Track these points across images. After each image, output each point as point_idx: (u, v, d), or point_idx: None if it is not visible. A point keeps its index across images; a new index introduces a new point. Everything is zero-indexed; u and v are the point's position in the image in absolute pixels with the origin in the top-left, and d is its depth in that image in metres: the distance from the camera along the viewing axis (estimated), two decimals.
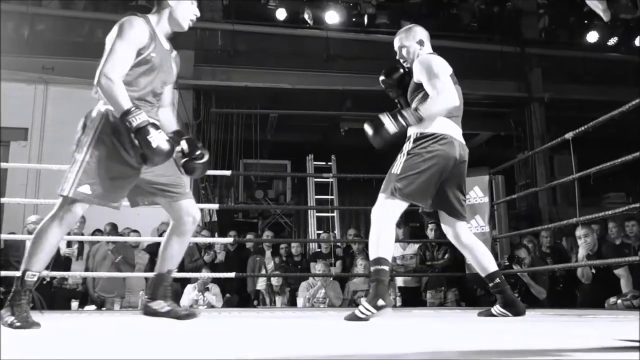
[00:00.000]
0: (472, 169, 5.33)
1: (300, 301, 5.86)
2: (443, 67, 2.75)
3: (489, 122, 9.28)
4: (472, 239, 2.91)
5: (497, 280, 2.85)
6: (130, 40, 2.29)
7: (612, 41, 8.82)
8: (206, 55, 8.64)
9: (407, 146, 2.71)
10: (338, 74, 8.49)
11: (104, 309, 5.61)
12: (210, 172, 6.89)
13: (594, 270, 4.82)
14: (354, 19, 8.87)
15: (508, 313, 2.82)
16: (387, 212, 2.65)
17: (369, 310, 2.49)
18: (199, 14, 2.55)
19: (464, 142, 2.78)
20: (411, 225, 7.18)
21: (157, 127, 2.22)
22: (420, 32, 2.94)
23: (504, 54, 8.98)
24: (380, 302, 2.49)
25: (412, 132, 2.72)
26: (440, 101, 2.63)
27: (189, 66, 8.37)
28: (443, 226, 2.94)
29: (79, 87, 8.03)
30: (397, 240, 6.54)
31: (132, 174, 2.35)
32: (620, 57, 8.73)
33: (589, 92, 8.55)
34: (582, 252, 4.77)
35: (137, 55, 2.33)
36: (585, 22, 8.90)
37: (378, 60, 8.72)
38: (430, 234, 6.24)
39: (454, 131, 2.73)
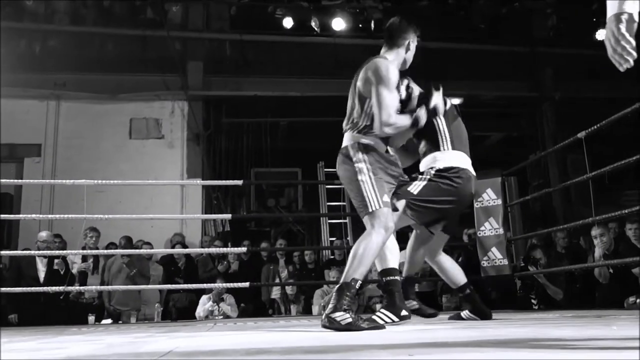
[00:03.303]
0: (485, 171, 5.33)
1: (315, 309, 5.85)
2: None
3: (500, 123, 9.22)
4: (441, 255, 3.09)
5: (467, 290, 3.08)
6: (392, 85, 2.58)
7: None
8: (215, 65, 8.70)
9: (429, 174, 2.78)
10: (347, 81, 8.47)
11: (120, 322, 5.63)
12: (221, 182, 6.94)
13: (611, 270, 4.75)
14: (360, 25, 8.88)
15: (476, 317, 3.09)
16: (390, 222, 2.56)
17: (391, 319, 2.54)
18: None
19: (475, 175, 2.90)
20: None
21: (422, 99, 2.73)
22: None
23: (513, 55, 8.94)
24: (404, 313, 2.58)
25: (434, 163, 2.81)
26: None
27: (198, 77, 8.44)
28: (416, 236, 3.03)
29: (90, 102, 8.14)
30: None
31: (394, 183, 2.72)
32: None
33: (600, 90, 8.47)
34: (598, 252, 4.71)
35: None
36: (594, 19, 8.83)
37: None
38: None
39: (470, 166, 2.86)
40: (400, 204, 2.70)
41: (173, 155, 8.21)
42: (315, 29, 8.64)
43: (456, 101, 2.89)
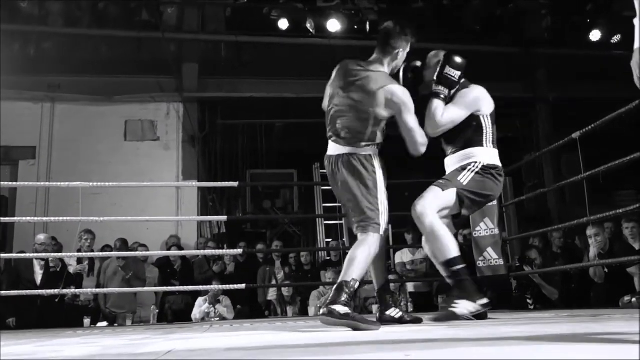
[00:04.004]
0: None
1: (311, 310, 5.85)
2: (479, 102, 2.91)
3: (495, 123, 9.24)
4: None
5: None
6: (413, 108, 2.66)
7: (616, 39, 8.78)
8: (211, 67, 8.70)
9: (477, 166, 2.81)
10: None
11: (115, 325, 5.61)
12: (217, 184, 6.94)
13: (606, 270, 4.77)
14: (356, 27, 8.88)
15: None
16: (437, 211, 2.69)
17: (474, 308, 2.53)
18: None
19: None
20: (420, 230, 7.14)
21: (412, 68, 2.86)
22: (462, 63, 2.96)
23: (508, 56, 8.96)
24: (484, 300, 2.58)
25: (480, 159, 2.83)
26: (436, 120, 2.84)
27: (193, 79, 8.44)
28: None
29: (85, 104, 8.12)
30: (406, 246, 6.53)
31: None
32: (625, 54, 8.68)
33: (594, 90, 8.51)
34: (593, 252, 4.74)
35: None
36: (588, 20, 8.87)
37: None
38: None
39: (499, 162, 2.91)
40: (451, 191, 2.72)
41: (168, 157, 8.20)
42: (311, 30, 8.64)
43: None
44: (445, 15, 9.13)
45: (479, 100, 2.86)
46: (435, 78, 2.86)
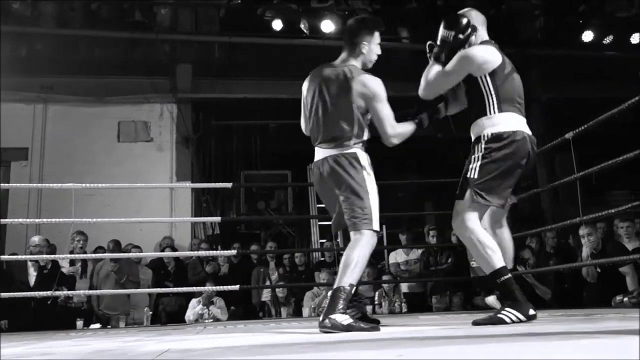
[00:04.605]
0: None
1: (305, 311, 5.84)
2: (473, 61, 2.65)
3: None
4: (505, 226, 2.84)
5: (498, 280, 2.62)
6: (385, 98, 2.68)
7: (608, 39, 8.82)
8: (204, 68, 8.67)
9: (480, 149, 2.61)
10: None
11: (109, 326, 5.58)
12: (211, 185, 6.92)
13: (598, 269, 4.80)
14: None
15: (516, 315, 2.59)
16: (471, 220, 2.56)
17: (518, 319, 2.41)
18: (380, 52, 2.87)
19: (531, 134, 2.67)
20: (414, 230, 7.16)
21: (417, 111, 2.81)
22: (474, 17, 2.83)
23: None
24: (532, 312, 2.43)
25: (482, 132, 2.63)
26: (428, 81, 2.75)
27: (187, 80, 8.41)
28: (488, 217, 2.79)
29: (78, 105, 8.08)
30: (400, 246, 6.53)
31: None
32: (617, 55, 8.74)
33: (587, 90, 8.54)
34: (586, 251, 4.76)
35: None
36: (581, 21, 8.91)
37: (375, 67, 8.77)
38: (432, 240, 6.24)
39: (523, 125, 2.65)
40: (468, 195, 2.58)
41: (162, 158, 8.17)
42: (305, 31, 8.63)
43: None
44: (439, 15, 9.15)
45: (472, 59, 2.63)
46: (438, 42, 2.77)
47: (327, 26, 8.59)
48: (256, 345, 1.96)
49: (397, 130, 2.68)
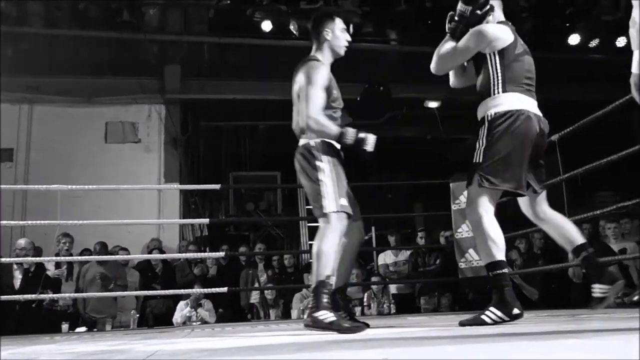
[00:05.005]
0: (462, 174, 5.37)
1: (294, 313, 5.83)
2: (485, 38, 2.57)
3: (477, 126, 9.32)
4: (551, 212, 2.70)
5: (585, 253, 2.57)
6: (319, 83, 2.68)
7: (594, 43, 8.90)
8: (193, 69, 8.64)
9: (484, 131, 2.54)
10: None
11: (95, 330, 5.53)
12: (199, 187, 6.90)
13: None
14: None
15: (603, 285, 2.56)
16: (481, 206, 2.48)
17: (501, 319, 2.36)
18: (350, 39, 2.89)
19: (541, 115, 2.61)
20: (402, 231, 7.18)
21: (362, 130, 2.66)
22: None
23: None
24: (515, 311, 2.37)
25: (485, 112, 2.55)
26: (440, 55, 2.69)
27: (176, 80, 8.36)
28: (521, 204, 2.73)
29: (65, 106, 8.01)
30: (389, 247, 6.54)
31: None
32: (603, 58, 8.82)
33: (573, 92, 8.60)
34: None
35: (327, 95, 2.73)
36: (568, 24, 8.98)
37: (364, 69, 8.79)
38: (421, 241, 6.26)
39: (529, 105, 2.57)
40: (475, 179, 2.50)
41: (150, 159, 8.12)
42: (294, 32, 8.63)
43: None
44: (428, 17, 9.19)
45: (484, 35, 2.58)
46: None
47: None
48: (244, 347, 1.95)
49: (319, 117, 2.63)
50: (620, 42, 8.76)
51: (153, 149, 8.15)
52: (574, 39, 8.81)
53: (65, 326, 5.19)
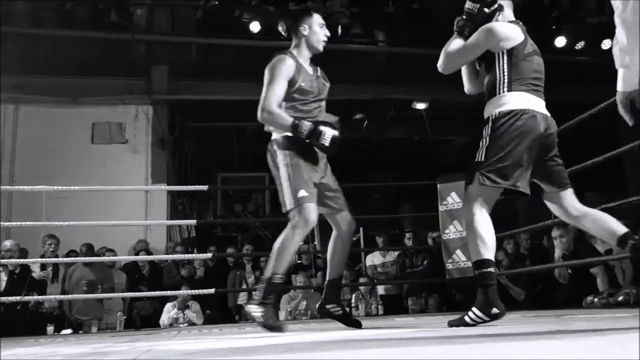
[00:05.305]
0: (449, 175, 5.40)
1: (282, 314, 5.82)
2: (494, 36, 2.53)
3: (464, 127, 9.37)
4: (583, 208, 2.59)
5: (632, 241, 2.47)
6: (280, 75, 2.72)
7: (580, 45, 9.00)
8: (181, 69, 8.60)
9: (487, 130, 2.51)
10: None
11: (80, 332, 5.48)
12: (186, 188, 6.86)
13: (570, 270, 4.88)
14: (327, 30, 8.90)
15: None
16: (476, 205, 2.47)
17: (481, 318, 2.36)
18: (329, 34, 2.92)
19: (548, 114, 2.54)
20: (390, 233, 7.20)
21: (321, 124, 2.65)
22: None
23: (477, 60, 9.09)
24: (494, 310, 2.37)
25: (489, 112, 2.53)
26: (448, 53, 2.65)
27: (163, 81, 8.32)
28: (550, 206, 2.64)
29: (51, 106, 7.94)
30: (377, 248, 6.55)
31: (320, 175, 2.76)
32: (588, 60, 8.91)
33: (559, 94, 8.66)
34: (558, 253, 4.84)
35: (290, 86, 2.75)
36: (554, 27, 9.06)
37: (353, 70, 8.81)
38: (408, 242, 6.28)
39: (535, 104, 2.51)
40: (476, 179, 2.48)
41: (137, 160, 8.08)
42: (283, 33, 8.63)
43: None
44: (416, 19, 9.23)
45: (493, 33, 2.53)
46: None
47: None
48: (231, 348, 1.95)
49: (271, 109, 2.68)
50: (606, 44, 8.86)
51: (140, 150, 8.11)
52: (560, 42, 8.89)
53: (50, 328, 5.15)
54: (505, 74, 2.53)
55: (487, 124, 2.52)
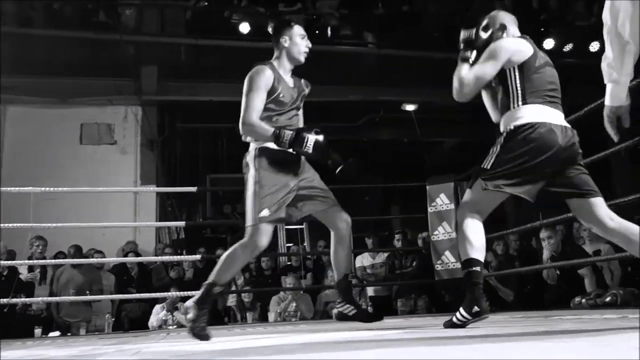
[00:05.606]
0: (438, 176, 5.43)
1: (271, 316, 5.81)
2: (504, 52, 2.50)
3: (453, 129, 9.42)
4: (618, 220, 2.36)
5: None
6: (259, 87, 2.71)
7: (568, 47, 9.08)
8: (170, 70, 8.55)
9: (500, 140, 2.48)
10: None
11: (69, 334, 5.44)
12: (175, 189, 6.84)
13: (558, 271, 4.92)
14: (317, 31, 8.91)
15: None
16: (471, 209, 2.49)
17: (465, 317, 2.38)
18: (310, 45, 2.89)
19: (566, 125, 2.45)
20: (380, 234, 7.21)
21: (303, 130, 2.63)
22: (502, 17, 2.71)
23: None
24: (475, 309, 2.37)
25: (504, 126, 2.49)
26: (461, 81, 2.52)
27: (152, 82, 8.27)
28: (583, 220, 2.53)
29: (39, 107, 7.86)
30: (367, 250, 6.57)
31: (292, 189, 2.70)
32: (577, 62, 8.99)
33: None
34: (546, 254, 4.87)
35: (268, 97, 2.74)
36: (542, 29, 9.14)
37: (342, 72, 8.82)
38: (397, 243, 6.30)
39: (552, 116, 2.43)
40: (477, 184, 2.47)
41: (126, 161, 8.03)
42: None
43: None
44: (405, 22, 9.27)
45: (502, 49, 2.51)
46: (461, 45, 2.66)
47: None
48: (220, 350, 1.94)
49: (252, 121, 2.67)
50: (594, 47, 8.96)
51: (129, 151, 8.06)
52: (549, 44, 8.96)
53: (38, 331, 5.10)
54: (519, 88, 2.49)
55: (501, 136, 2.50)
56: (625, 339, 1.46)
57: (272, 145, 2.67)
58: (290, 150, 2.63)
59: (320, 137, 2.60)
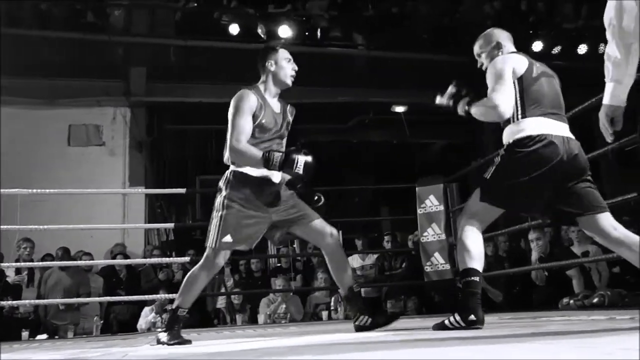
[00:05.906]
0: (428, 178, 5.44)
1: (261, 318, 5.80)
2: (506, 63, 2.54)
3: (443, 130, 9.45)
4: (622, 231, 2.33)
5: None
6: (244, 111, 2.71)
7: (556, 50, 9.15)
8: (159, 71, 8.51)
9: (502, 152, 2.50)
10: (292, 87, 8.49)
11: (56, 337, 5.39)
12: (164, 191, 6.79)
13: (546, 273, 4.95)
14: (307, 33, 8.92)
15: None
16: (471, 219, 2.50)
17: (458, 324, 2.40)
18: (297, 69, 2.90)
19: (569, 136, 2.43)
20: (369, 235, 7.21)
21: (292, 152, 2.60)
22: (497, 35, 2.77)
23: (456, 64, 9.17)
24: (472, 317, 2.39)
25: (506, 140, 2.49)
26: (491, 103, 2.50)
27: (141, 83, 8.23)
28: (589, 233, 2.49)
29: (26, 108, 7.79)
30: (356, 251, 6.57)
31: (263, 218, 2.72)
32: (565, 64, 9.07)
33: None
34: (534, 255, 4.90)
35: (254, 121, 2.73)
36: (531, 31, 9.20)
37: (332, 73, 8.82)
38: (387, 245, 6.31)
39: (554, 128, 2.41)
40: (476, 193, 2.50)
41: (114, 163, 7.98)
42: (262, 36, 8.61)
43: None
44: (395, 24, 9.29)
45: (503, 61, 2.56)
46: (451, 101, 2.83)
47: (285, 31, 8.58)
48: (209, 353, 1.94)
49: (240, 147, 2.66)
50: (582, 49, 9.04)
51: (118, 153, 8.01)
52: (537, 46, 9.03)
53: (25, 333, 5.05)
54: (518, 101, 2.49)
55: (503, 149, 2.51)
56: (612, 340, 1.47)
57: (248, 170, 2.69)
58: (280, 172, 2.65)
59: (309, 158, 2.59)
